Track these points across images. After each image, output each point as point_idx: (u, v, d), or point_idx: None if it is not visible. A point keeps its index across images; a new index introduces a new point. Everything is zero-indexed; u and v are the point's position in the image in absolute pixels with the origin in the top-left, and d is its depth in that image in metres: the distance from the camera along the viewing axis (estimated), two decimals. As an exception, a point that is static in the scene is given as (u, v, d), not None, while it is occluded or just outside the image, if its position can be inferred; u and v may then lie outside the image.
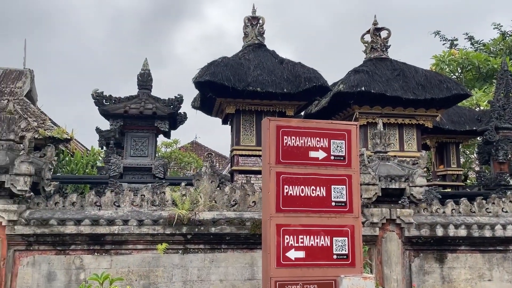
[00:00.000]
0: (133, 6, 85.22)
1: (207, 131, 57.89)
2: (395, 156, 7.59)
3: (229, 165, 12.45)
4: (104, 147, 11.95)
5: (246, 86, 9.08)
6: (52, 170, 6.50)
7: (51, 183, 6.41)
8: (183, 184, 6.71)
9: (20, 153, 5.92)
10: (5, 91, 14.90)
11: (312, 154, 3.89)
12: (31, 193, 6.16)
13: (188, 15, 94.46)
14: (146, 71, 8.98)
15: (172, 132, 9.72)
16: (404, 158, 7.95)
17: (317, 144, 3.91)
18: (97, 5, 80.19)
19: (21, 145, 6.12)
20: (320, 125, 4.00)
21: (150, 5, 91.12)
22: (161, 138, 11.51)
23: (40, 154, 6.44)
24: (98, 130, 11.64)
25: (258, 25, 10.47)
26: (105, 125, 10.50)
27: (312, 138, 3.91)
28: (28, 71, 16.15)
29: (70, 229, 5.93)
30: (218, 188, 6.63)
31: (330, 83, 9.97)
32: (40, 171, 6.21)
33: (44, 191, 6.35)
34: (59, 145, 12.75)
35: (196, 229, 6.16)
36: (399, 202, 6.81)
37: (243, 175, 9.40)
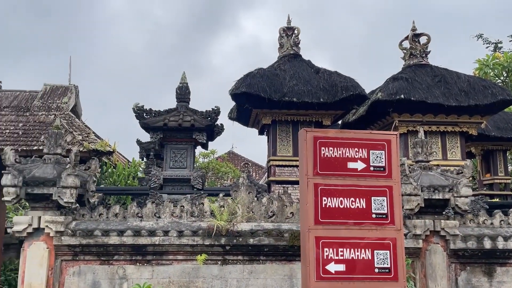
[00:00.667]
0: (171, 19, 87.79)
1: (244, 141, 58.34)
2: (438, 165, 7.34)
3: (266, 175, 12.45)
4: (145, 159, 12.28)
5: (282, 96, 9.08)
6: (96, 182, 6.75)
7: (95, 195, 6.65)
8: (221, 195, 6.79)
9: (67, 167, 6.18)
10: (52, 107, 15.64)
11: (351, 165, 3.81)
12: (77, 205, 6.41)
13: (224, 27, 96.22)
14: (184, 84, 9.20)
15: (210, 142, 9.87)
16: (447, 167, 7.65)
17: (356, 155, 3.84)
18: (136, 19, 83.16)
19: (68, 158, 6.39)
20: (358, 135, 3.92)
21: (187, 17, 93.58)
22: (198, 149, 11.74)
23: (85, 167, 6.70)
24: (138, 142, 11.99)
25: (293, 35, 10.48)
26: (145, 137, 10.81)
27: (350, 148, 3.84)
28: (73, 87, 16.85)
29: (114, 239, 6.11)
30: (256, 199, 6.64)
31: (367, 91, 9.80)
32: (85, 183, 6.46)
33: (88, 202, 6.60)
34: (102, 158, 13.21)
35: (235, 240, 6.19)
36: (444, 213, 6.57)
37: (280, 185, 9.37)
